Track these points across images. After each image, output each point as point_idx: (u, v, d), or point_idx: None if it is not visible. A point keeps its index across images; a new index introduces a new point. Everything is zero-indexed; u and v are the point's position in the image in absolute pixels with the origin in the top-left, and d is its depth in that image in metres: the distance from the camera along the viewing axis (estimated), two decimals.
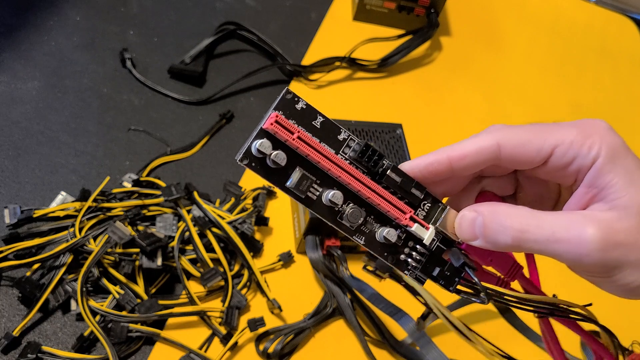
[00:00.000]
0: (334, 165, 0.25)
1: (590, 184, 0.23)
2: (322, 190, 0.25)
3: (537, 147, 0.24)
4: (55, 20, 0.70)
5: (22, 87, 0.63)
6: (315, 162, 0.24)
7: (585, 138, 0.23)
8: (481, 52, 0.87)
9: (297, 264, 0.58)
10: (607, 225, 0.22)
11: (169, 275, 0.53)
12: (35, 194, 0.56)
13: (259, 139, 0.24)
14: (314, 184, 0.25)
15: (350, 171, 0.25)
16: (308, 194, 0.25)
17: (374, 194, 0.25)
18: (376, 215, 0.26)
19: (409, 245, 0.26)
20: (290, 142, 0.24)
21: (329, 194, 0.25)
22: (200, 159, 0.64)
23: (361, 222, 0.26)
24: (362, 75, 0.78)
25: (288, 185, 0.24)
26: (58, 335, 0.49)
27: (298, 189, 0.24)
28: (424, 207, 0.26)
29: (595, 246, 0.21)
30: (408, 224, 0.26)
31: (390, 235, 0.26)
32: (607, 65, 0.93)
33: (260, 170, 0.24)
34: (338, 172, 0.25)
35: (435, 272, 0.26)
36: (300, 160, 0.25)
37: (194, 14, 0.77)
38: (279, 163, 0.24)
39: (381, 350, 0.54)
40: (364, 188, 0.25)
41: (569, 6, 1.00)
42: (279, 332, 0.52)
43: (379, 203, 0.25)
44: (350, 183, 0.25)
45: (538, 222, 0.23)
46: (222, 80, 0.71)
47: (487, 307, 0.58)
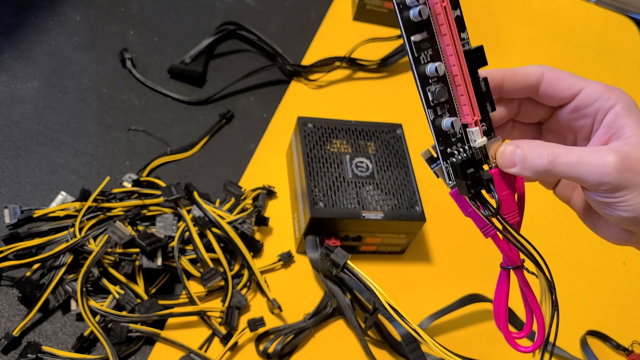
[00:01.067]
0: (453, 44, 0.28)
1: (610, 125, 0.29)
2: (430, 60, 0.29)
3: (570, 83, 0.30)
4: (55, 20, 0.70)
5: (22, 87, 0.64)
6: (443, 33, 0.28)
7: (607, 90, 0.29)
8: None
9: (297, 264, 0.58)
10: (624, 155, 0.27)
11: (169, 275, 0.53)
12: (35, 194, 0.56)
13: None
14: (429, 50, 0.28)
15: (461, 57, 0.29)
16: (422, 54, 0.28)
17: (464, 85, 0.29)
18: (451, 106, 0.30)
19: (459, 143, 0.30)
20: (438, 5, 0.28)
21: (436, 64, 0.28)
22: (200, 159, 0.64)
23: (440, 102, 0.29)
24: (362, 75, 0.78)
25: (412, 39, 0.28)
26: (58, 335, 0.49)
27: (418, 46, 0.28)
28: (485, 123, 0.30)
29: (614, 167, 0.27)
30: (471, 124, 0.29)
31: (455, 125, 0.29)
32: (607, 64, 0.93)
33: (399, 16, 0.28)
34: (452, 51, 0.28)
35: (470, 170, 0.29)
36: (430, 27, 0.28)
37: (194, 14, 0.77)
38: (421, 16, 0.27)
39: (381, 350, 0.54)
40: (461, 76, 0.29)
41: (569, 6, 1.01)
42: (279, 332, 0.52)
43: (463, 94, 0.29)
44: (455, 65, 0.29)
45: (568, 150, 0.28)
46: (222, 80, 0.71)
47: (486, 306, 0.58)
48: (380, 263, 0.60)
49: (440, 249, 0.63)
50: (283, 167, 0.65)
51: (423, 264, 0.62)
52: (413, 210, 0.56)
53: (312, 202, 0.54)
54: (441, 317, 0.55)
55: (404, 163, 0.59)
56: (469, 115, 0.29)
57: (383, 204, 0.56)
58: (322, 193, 0.55)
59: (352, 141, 0.60)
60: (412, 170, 0.59)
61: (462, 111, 0.30)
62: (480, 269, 0.64)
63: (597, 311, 0.63)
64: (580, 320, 0.61)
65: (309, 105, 0.72)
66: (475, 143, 0.30)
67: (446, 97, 0.29)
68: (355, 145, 0.60)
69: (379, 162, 0.59)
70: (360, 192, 0.56)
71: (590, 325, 0.60)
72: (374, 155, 0.59)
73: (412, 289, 0.60)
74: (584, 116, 0.30)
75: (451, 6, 0.28)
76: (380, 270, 0.60)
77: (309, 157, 0.57)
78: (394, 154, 0.60)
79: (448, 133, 0.30)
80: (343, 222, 0.55)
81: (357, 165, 0.58)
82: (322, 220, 0.54)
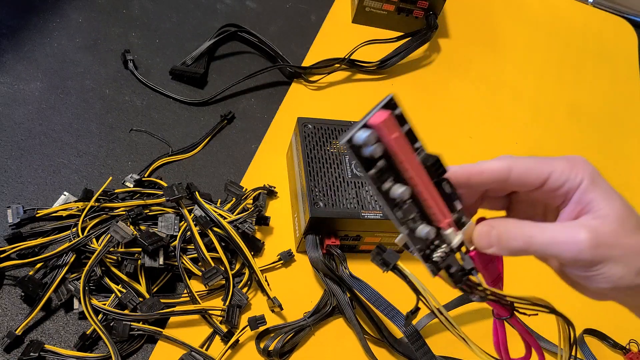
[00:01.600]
0: (412, 165, 0.29)
1: (578, 201, 0.30)
2: (393, 184, 0.29)
3: (538, 172, 0.30)
4: (57, 22, 0.71)
5: (24, 88, 0.64)
6: (399, 160, 0.29)
7: (572, 168, 0.30)
8: (480, 54, 0.88)
9: (297, 263, 0.58)
10: (595, 230, 0.28)
11: (170, 274, 0.54)
12: (38, 194, 0.56)
13: (365, 131, 0.28)
14: (390, 176, 0.29)
15: (421, 173, 0.30)
16: (384, 183, 0.29)
17: (429, 196, 0.30)
18: (422, 214, 0.30)
19: (436, 243, 0.31)
20: (389, 139, 0.28)
21: (401, 189, 0.29)
22: (201, 160, 0.64)
23: (410, 218, 0.30)
24: (362, 77, 0.78)
25: (370, 173, 0.28)
26: (60, 334, 0.49)
27: (379, 179, 0.29)
28: (455, 215, 0.31)
29: (587, 244, 0.28)
30: (445, 227, 0.31)
31: (430, 233, 0.30)
32: (605, 66, 0.93)
33: (356, 155, 0.28)
34: (413, 173, 0.29)
35: (452, 270, 0.31)
36: (388, 157, 0.29)
37: (195, 16, 0.78)
38: (373, 156, 0.28)
39: (380, 349, 0.55)
40: (425, 189, 0.30)
41: (567, 8, 1.01)
42: (279, 331, 0.52)
43: (430, 205, 0.30)
44: (418, 183, 0.29)
45: (541, 229, 0.29)
46: (223, 81, 0.72)
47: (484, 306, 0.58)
48: None
49: None
50: (283, 167, 0.65)
51: (421, 263, 0.62)
52: None
53: (312, 202, 0.55)
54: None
55: None
56: (440, 221, 0.30)
57: None
58: (322, 193, 0.55)
59: None
60: None
61: (434, 218, 0.30)
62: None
63: (594, 310, 0.63)
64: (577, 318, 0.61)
65: (309, 106, 0.73)
66: (453, 243, 0.31)
67: (415, 211, 0.30)
68: None
69: None
70: (359, 192, 0.57)
71: (587, 323, 0.60)
72: None
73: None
74: (554, 197, 0.31)
75: (399, 129, 0.29)
76: (379, 270, 0.60)
77: (309, 158, 0.58)
78: None
79: (424, 240, 0.31)
80: (343, 222, 0.55)
81: (357, 166, 0.59)
82: (322, 219, 0.54)
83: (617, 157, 0.80)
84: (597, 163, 0.34)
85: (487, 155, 0.74)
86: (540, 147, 0.78)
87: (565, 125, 0.82)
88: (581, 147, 0.80)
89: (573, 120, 0.83)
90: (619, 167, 0.79)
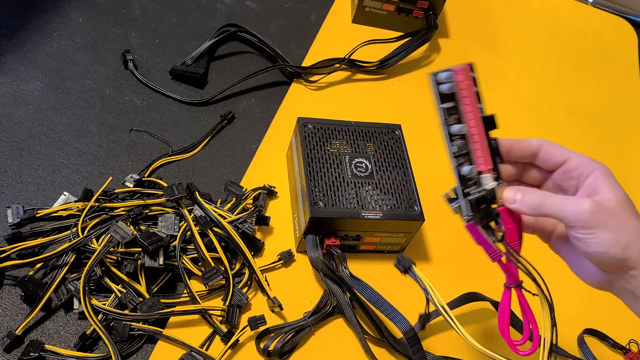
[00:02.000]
0: (473, 112, 0.38)
1: (590, 185, 0.37)
2: (456, 122, 0.38)
3: (561, 152, 0.40)
4: (57, 22, 0.71)
5: (24, 88, 0.64)
6: (464, 103, 0.38)
7: (589, 160, 0.38)
8: (480, 54, 0.88)
9: (297, 263, 0.58)
10: (597, 203, 0.36)
11: (170, 274, 0.54)
12: (38, 194, 0.56)
13: (447, 72, 0.37)
14: (455, 114, 0.38)
15: (479, 121, 0.38)
16: (450, 118, 0.38)
17: (480, 142, 0.38)
18: (470, 157, 0.38)
19: (474, 186, 0.38)
20: (461, 83, 0.38)
21: (460, 125, 0.38)
22: (201, 160, 0.64)
23: (462, 153, 0.38)
24: (362, 77, 0.78)
25: (442, 106, 0.37)
26: (60, 334, 0.49)
27: (447, 111, 0.37)
28: (495, 173, 0.39)
29: (588, 209, 0.35)
30: (485, 171, 0.38)
31: (473, 171, 0.38)
32: (605, 66, 0.93)
33: (435, 89, 0.37)
34: (472, 117, 0.38)
35: (482, 207, 0.38)
36: (456, 98, 0.38)
37: (195, 16, 0.78)
38: (449, 91, 0.37)
39: (380, 349, 0.55)
40: (478, 135, 0.38)
41: (567, 8, 1.01)
42: (279, 331, 0.52)
43: (479, 149, 0.38)
44: (474, 127, 0.38)
45: (555, 195, 0.37)
46: (223, 81, 0.72)
47: (486, 305, 0.58)
48: (380, 262, 0.61)
49: (438, 248, 0.64)
50: (283, 167, 0.65)
51: (422, 263, 0.62)
52: (412, 210, 0.57)
53: (312, 202, 0.55)
54: (439, 316, 0.56)
55: (402, 163, 0.60)
56: (483, 165, 0.38)
57: (382, 203, 0.56)
58: (322, 193, 0.55)
59: (351, 142, 0.60)
60: (411, 170, 0.60)
61: (478, 161, 0.38)
62: (478, 267, 0.65)
63: (594, 310, 0.63)
64: (577, 318, 0.61)
65: (309, 106, 0.73)
66: (487, 186, 0.38)
67: (466, 149, 0.38)
68: (355, 145, 0.60)
69: (378, 162, 0.59)
70: (359, 192, 0.57)
71: (587, 323, 0.60)
72: (373, 156, 0.60)
73: (411, 288, 0.60)
74: (570, 178, 0.39)
75: (473, 84, 0.38)
76: (379, 269, 0.60)
77: (309, 158, 0.58)
78: (393, 155, 0.61)
79: (467, 177, 0.38)
80: (343, 222, 0.55)
81: (357, 166, 0.59)
82: (322, 219, 0.54)
83: (617, 157, 0.80)
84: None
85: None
86: None
87: (565, 125, 0.82)
88: (581, 147, 0.80)
89: (573, 120, 0.83)
90: (619, 167, 0.79)
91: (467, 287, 0.59)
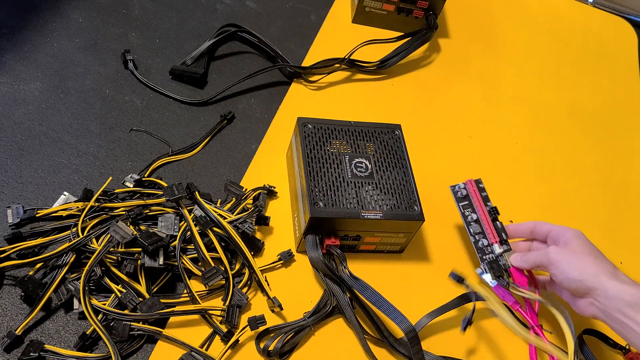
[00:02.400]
0: (480, 207, 0.60)
1: (564, 241, 0.53)
2: (471, 213, 0.60)
3: (547, 227, 0.55)
4: (57, 22, 0.71)
5: (24, 88, 0.64)
6: (474, 202, 0.60)
7: (565, 227, 0.54)
8: (479, 54, 0.88)
9: (297, 263, 0.58)
10: (559, 247, 0.52)
11: (170, 274, 0.54)
12: (38, 194, 0.56)
13: (461, 184, 0.61)
14: (471, 209, 0.60)
15: (486, 213, 0.59)
16: (466, 211, 0.60)
17: (488, 226, 0.58)
18: (484, 235, 0.58)
19: (489, 251, 0.58)
20: (470, 190, 0.61)
21: (473, 214, 0.59)
22: (201, 160, 0.64)
23: (477, 232, 0.59)
24: (362, 77, 0.78)
25: (460, 204, 0.61)
26: (60, 334, 0.49)
27: (464, 207, 0.60)
28: (503, 245, 0.58)
29: (552, 251, 0.52)
30: (493, 243, 0.58)
31: (484, 243, 0.58)
32: (605, 66, 0.93)
33: (455, 195, 0.61)
34: (481, 210, 0.59)
35: (494, 266, 0.56)
36: (470, 200, 0.60)
37: (195, 16, 0.78)
38: (462, 194, 0.61)
39: (380, 349, 0.55)
40: (486, 221, 0.59)
41: (567, 8, 1.01)
42: (279, 331, 0.52)
43: (488, 229, 0.58)
44: (483, 217, 0.59)
45: (538, 251, 0.54)
46: (223, 81, 0.72)
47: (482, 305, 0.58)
48: (380, 262, 0.61)
49: (438, 248, 0.64)
50: (283, 167, 0.65)
51: (422, 263, 0.62)
52: (412, 209, 0.57)
53: (312, 202, 0.55)
54: (439, 316, 0.56)
55: (402, 163, 0.60)
56: (492, 239, 0.58)
57: (382, 203, 0.56)
58: (322, 193, 0.55)
59: (351, 142, 0.60)
60: (410, 170, 0.60)
61: (489, 236, 0.58)
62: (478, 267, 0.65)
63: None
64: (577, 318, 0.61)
65: (309, 106, 0.73)
66: (496, 252, 0.57)
67: (480, 230, 0.59)
68: (355, 145, 0.60)
69: (378, 162, 0.59)
70: (359, 192, 0.57)
71: (587, 324, 0.60)
72: (373, 156, 0.60)
73: (410, 288, 0.60)
74: (555, 240, 0.54)
75: (479, 190, 0.60)
76: (379, 269, 0.60)
77: (309, 158, 0.58)
78: (392, 155, 0.61)
79: (483, 249, 0.58)
80: (343, 222, 0.55)
81: (357, 166, 0.59)
82: (322, 219, 0.54)
83: (617, 157, 0.80)
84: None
85: (486, 155, 0.74)
86: (540, 147, 0.78)
87: (565, 125, 0.82)
88: (581, 147, 0.80)
89: (573, 120, 0.83)
90: (619, 167, 0.79)
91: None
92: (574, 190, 0.75)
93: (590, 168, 0.78)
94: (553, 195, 0.73)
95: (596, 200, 0.74)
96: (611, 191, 0.76)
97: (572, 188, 0.75)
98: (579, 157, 0.79)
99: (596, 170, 0.78)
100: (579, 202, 0.73)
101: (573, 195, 0.74)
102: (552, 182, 0.75)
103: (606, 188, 0.76)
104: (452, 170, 0.71)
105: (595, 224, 0.72)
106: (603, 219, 0.73)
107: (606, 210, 0.74)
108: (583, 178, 0.76)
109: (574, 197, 0.74)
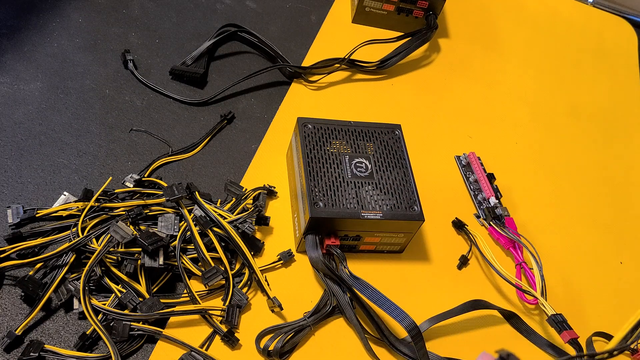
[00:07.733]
0: (481, 174, 0.69)
1: None
2: (472, 175, 0.69)
3: None
4: (57, 22, 0.71)
5: (24, 88, 0.64)
6: (476, 170, 0.70)
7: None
8: (479, 54, 0.88)
9: (297, 263, 0.58)
10: None
11: (170, 274, 0.54)
12: (37, 194, 0.56)
13: (465, 154, 0.70)
14: (472, 174, 0.70)
15: (485, 178, 0.69)
16: (467, 174, 0.70)
17: (486, 185, 0.68)
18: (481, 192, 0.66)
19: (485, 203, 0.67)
20: (476, 163, 0.70)
21: (475, 181, 0.70)
22: (201, 160, 0.64)
23: (476, 192, 0.68)
24: (362, 77, 0.78)
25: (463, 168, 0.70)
26: (60, 334, 0.49)
27: (466, 173, 0.71)
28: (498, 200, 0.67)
29: None
30: (492, 196, 0.66)
31: (483, 197, 0.67)
32: (604, 66, 0.93)
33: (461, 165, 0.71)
34: (481, 176, 0.69)
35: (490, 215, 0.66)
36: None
37: (195, 16, 0.78)
38: (466, 162, 0.71)
39: (381, 349, 0.55)
40: (485, 183, 0.68)
41: (566, 8, 1.01)
42: (279, 331, 0.52)
43: (486, 188, 0.67)
44: (482, 178, 0.69)
45: None
46: (223, 81, 0.72)
47: (493, 312, 0.58)
48: (380, 262, 0.61)
49: (438, 248, 0.64)
50: (283, 167, 0.65)
51: (422, 263, 0.62)
52: (412, 209, 0.57)
53: (312, 202, 0.55)
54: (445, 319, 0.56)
55: (402, 163, 0.60)
56: (488, 193, 0.65)
57: (382, 203, 0.56)
58: (322, 193, 0.55)
59: (351, 142, 0.60)
60: (410, 170, 0.60)
61: (486, 192, 0.66)
62: (477, 267, 0.65)
63: (601, 314, 0.63)
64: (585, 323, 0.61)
65: (309, 106, 0.73)
66: (492, 203, 0.66)
67: (478, 187, 0.67)
68: (355, 145, 0.60)
69: (378, 162, 0.59)
70: (359, 192, 0.57)
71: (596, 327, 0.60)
72: (373, 156, 0.60)
73: (410, 288, 0.60)
74: None
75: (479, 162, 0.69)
76: (379, 269, 0.60)
77: (309, 158, 0.58)
78: (392, 155, 0.61)
79: (481, 201, 0.67)
80: (342, 222, 0.55)
81: (357, 166, 0.59)
82: (322, 219, 0.54)
83: (617, 157, 0.80)
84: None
85: (486, 155, 0.74)
86: (540, 147, 0.78)
87: (565, 125, 0.82)
88: (581, 147, 0.80)
89: (573, 120, 0.83)
90: (619, 166, 0.79)
91: (467, 288, 0.59)
92: (574, 190, 0.75)
93: (591, 168, 0.78)
94: (553, 195, 0.73)
95: (596, 200, 0.74)
96: (611, 191, 0.76)
97: (572, 188, 0.75)
98: (579, 157, 0.79)
99: (596, 170, 0.78)
100: (579, 202, 0.73)
101: (573, 195, 0.74)
102: (552, 182, 0.75)
103: (606, 188, 0.76)
104: (452, 170, 0.71)
105: (595, 223, 0.72)
106: (603, 219, 0.73)
107: (606, 210, 0.74)
108: (583, 178, 0.76)
109: (574, 196, 0.74)
